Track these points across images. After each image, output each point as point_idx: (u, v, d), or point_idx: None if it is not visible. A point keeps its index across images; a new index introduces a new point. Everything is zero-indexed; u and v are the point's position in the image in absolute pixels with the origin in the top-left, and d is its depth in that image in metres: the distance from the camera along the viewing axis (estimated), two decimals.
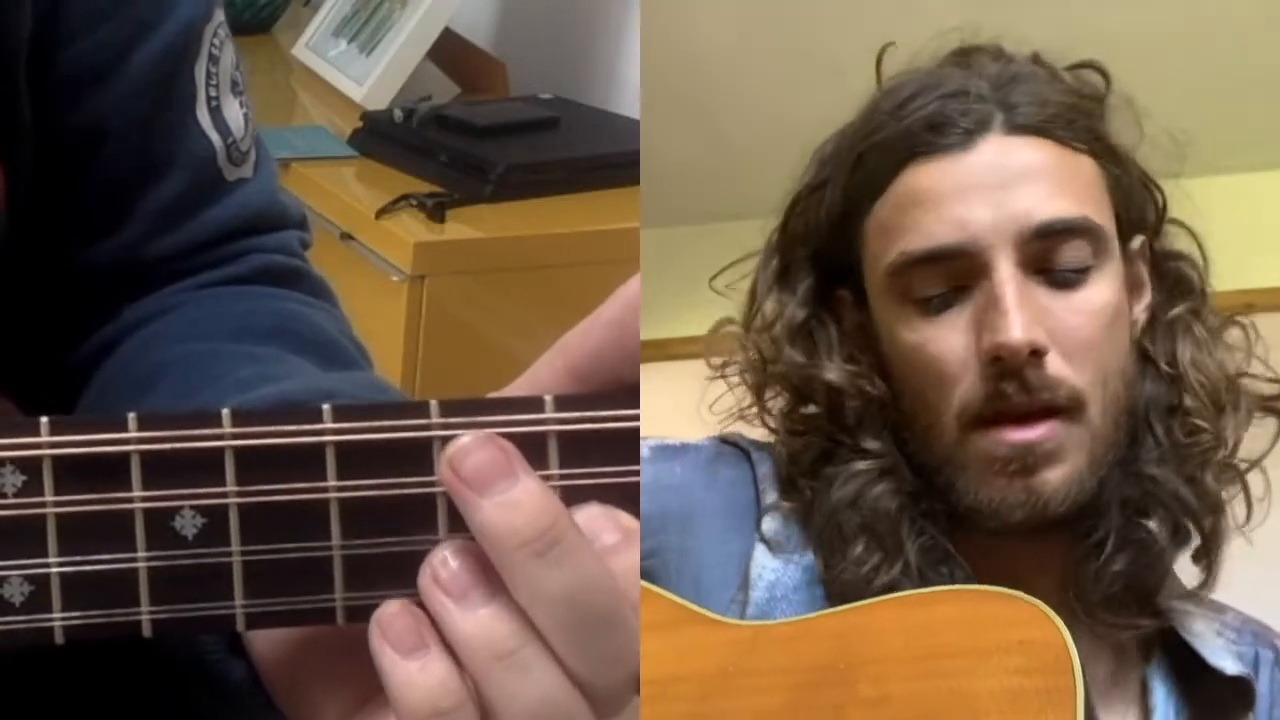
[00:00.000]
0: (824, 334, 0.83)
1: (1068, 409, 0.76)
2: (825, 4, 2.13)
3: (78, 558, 0.49)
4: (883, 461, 0.79)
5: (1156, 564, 0.77)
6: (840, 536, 0.79)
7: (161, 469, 0.49)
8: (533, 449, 0.49)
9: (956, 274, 0.77)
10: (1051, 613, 0.69)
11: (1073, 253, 0.77)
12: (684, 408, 0.90)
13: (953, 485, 0.78)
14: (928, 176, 0.78)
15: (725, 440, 0.87)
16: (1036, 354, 0.75)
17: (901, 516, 0.78)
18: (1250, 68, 2.05)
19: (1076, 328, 0.76)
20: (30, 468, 0.49)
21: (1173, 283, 0.82)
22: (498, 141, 2.06)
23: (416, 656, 0.48)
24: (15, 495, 0.49)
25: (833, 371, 0.81)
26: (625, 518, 0.48)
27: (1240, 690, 0.80)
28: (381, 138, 2.12)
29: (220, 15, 0.81)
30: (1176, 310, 0.81)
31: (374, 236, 1.93)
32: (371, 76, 2.29)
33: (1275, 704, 0.81)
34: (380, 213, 1.92)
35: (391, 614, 0.49)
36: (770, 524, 0.82)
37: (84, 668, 0.58)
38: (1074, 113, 0.79)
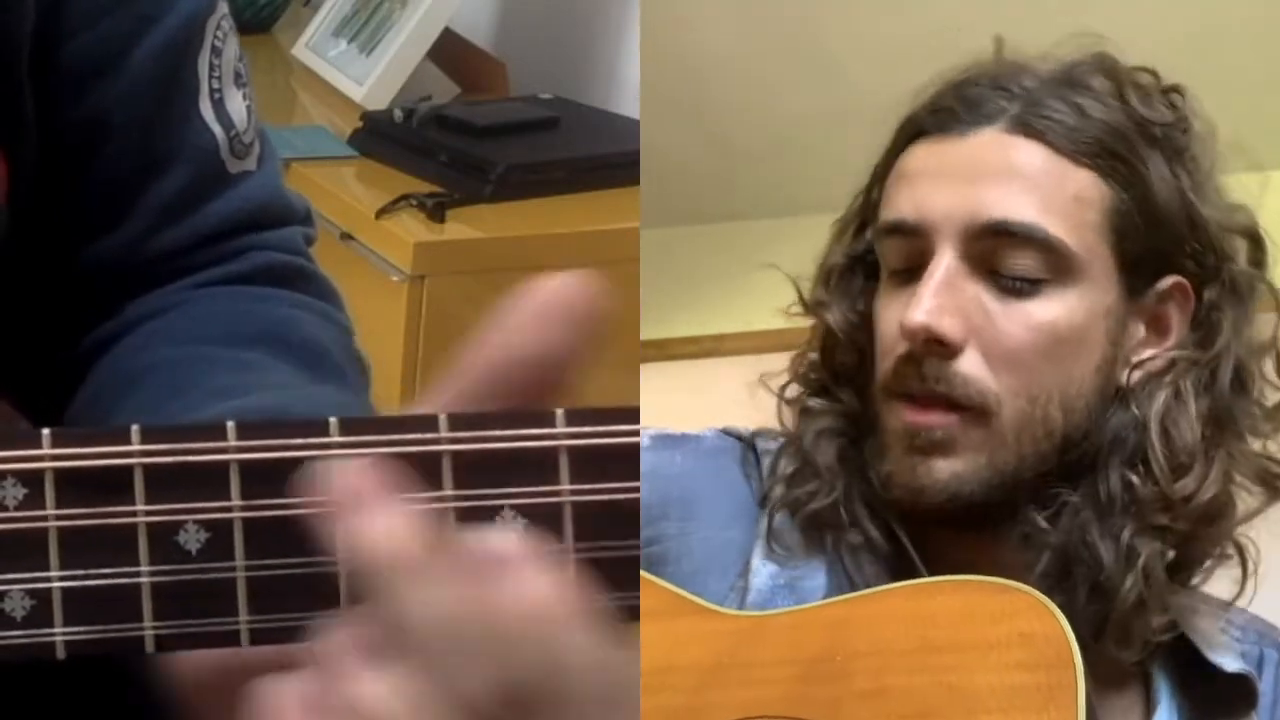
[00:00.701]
0: (850, 283, 0.84)
1: (970, 408, 0.76)
2: (824, 4, 2.12)
3: (80, 572, 0.48)
4: (843, 409, 0.82)
5: (1077, 619, 0.74)
6: (788, 460, 0.82)
7: (165, 482, 0.48)
8: (544, 464, 0.48)
9: (912, 252, 0.78)
10: (1052, 605, 0.69)
11: (1022, 261, 0.76)
12: (683, 407, 0.90)
13: (874, 453, 0.79)
14: (921, 156, 0.80)
15: (728, 432, 0.88)
16: (940, 344, 0.75)
17: (844, 461, 0.80)
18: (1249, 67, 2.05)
19: (1005, 335, 0.76)
20: (32, 480, 0.48)
21: (1201, 335, 0.79)
22: (498, 141, 2.06)
23: None
24: (17, 508, 0.48)
25: (834, 315, 0.83)
26: (532, 541, 0.46)
27: (1242, 688, 0.79)
28: (381, 138, 2.12)
29: (223, 7, 0.80)
30: (1172, 355, 0.78)
31: (374, 236, 1.93)
32: (371, 76, 2.29)
33: (1279, 702, 0.81)
34: (380, 213, 1.92)
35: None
36: (778, 518, 0.82)
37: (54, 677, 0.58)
38: (1102, 130, 0.78)
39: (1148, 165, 0.78)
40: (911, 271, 0.78)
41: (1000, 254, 0.76)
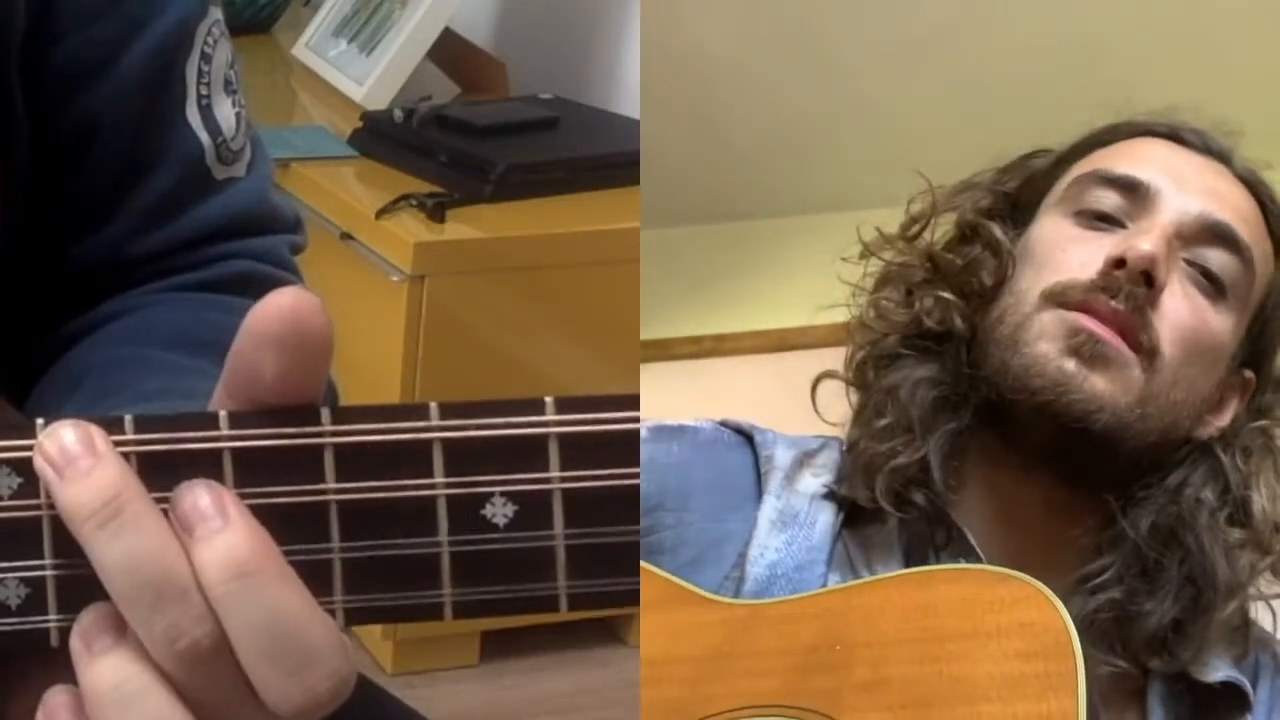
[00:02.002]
0: (1001, 217, 0.86)
1: (1143, 349, 0.78)
2: (825, 4, 2.13)
3: (73, 560, 0.48)
4: (940, 367, 0.83)
5: (1153, 609, 0.77)
6: (876, 411, 0.82)
7: (158, 470, 0.48)
8: (534, 451, 0.49)
9: (1121, 206, 0.82)
10: (1051, 594, 0.69)
11: (1220, 259, 0.81)
12: (684, 407, 0.91)
13: (1006, 349, 0.79)
14: (1159, 146, 0.85)
15: (725, 423, 0.88)
16: (1149, 283, 0.78)
17: (940, 410, 0.81)
18: (1248, 67, 2.06)
19: (1187, 314, 0.80)
20: (26, 469, 0.49)
21: (1267, 422, 0.84)
22: (498, 141, 2.06)
23: None
24: (11, 497, 0.49)
25: (997, 231, 0.84)
26: (232, 503, 0.48)
27: (1233, 694, 0.80)
28: (381, 138, 2.12)
29: (216, 13, 0.80)
30: (1259, 424, 0.83)
31: (374, 236, 1.93)
32: (371, 76, 2.29)
33: (1275, 709, 0.82)
34: (380, 213, 1.92)
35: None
36: (776, 504, 0.83)
37: None
38: None
39: None
40: (1106, 220, 0.82)
41: (1208, 249, 0.81)
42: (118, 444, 0.49)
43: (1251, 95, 1.99)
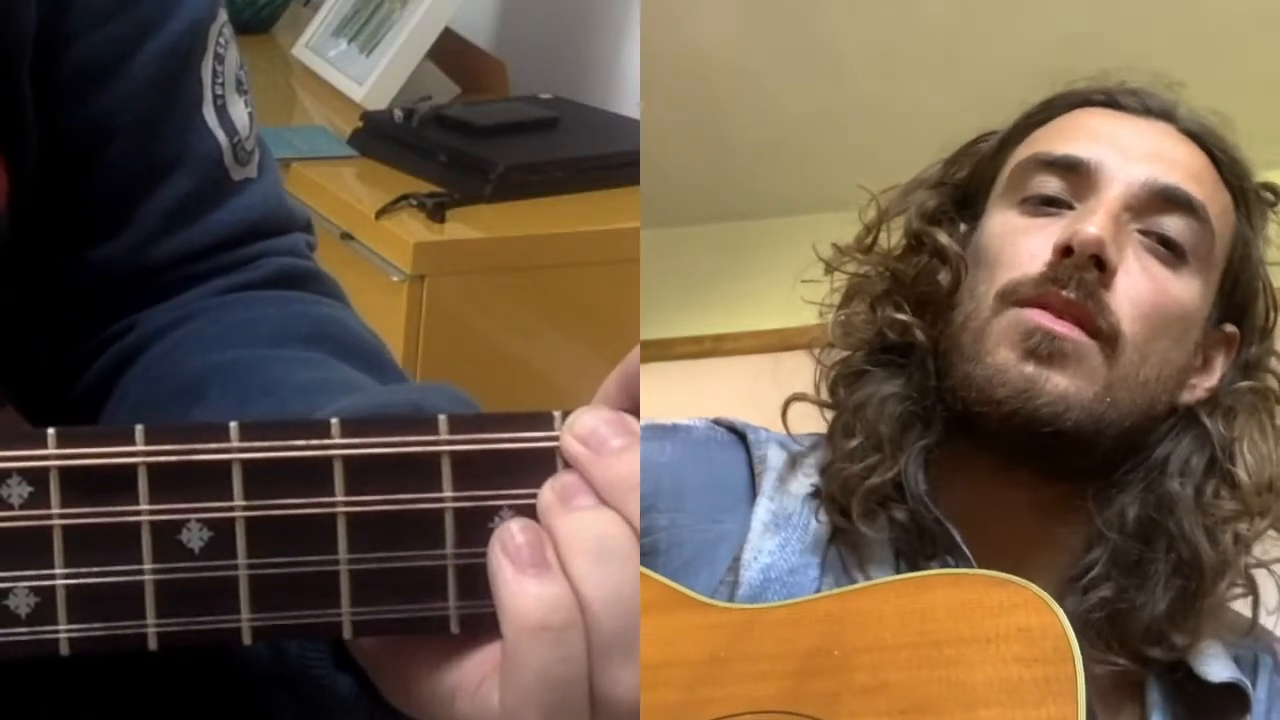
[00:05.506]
0: (947, 216, 0.86)
1: (1102, 335, 0.77)
2: (825, 4, 2.13)
3: (84, 570, 0.49)
4: (907, 381, 0.82)
5: (1145, 602, 0.77)
6: (846, 432, 0.82)
7: (169, 481, 0.49)
8: (541, 464, 0.49)
9: (1068, 187, 0.81)
10: (1050, 599, 0.69)
11: (1175, 224, 0.80)
12: (684, 407, 0.91)
13: (968, 360, 0.79)
14: (1100, 115, 0.84)
15: (718, 422, 0.88)
16: (1099, 266, 0.77)
17: (909, 426, 0.80)
18: (1248, 67, 2.06)
19: (1146, 288, 0.79)
20: (37, 479, 0.49)
21: (1256, 380, 0.83)
22: (498, 141, 2.06)
23: (534, 573, 0.49)
24: (22, 506, 0.49)
25: (943, 236, 0.83)
26: (630, 422, 0.50)
27: (1234, 694, 0.80)
28: (381, 138, 2.12)
29: (224, 15, 0.81)
30: (1246, 384, 0.82)
31: (374, 236, 1.93)
32: (371, 76, 2.29)
33: (1273, 708, 0.81)
34: (380, 213, 1.92)
35: (513, 530, 0.50)
36: (770, 505, 0.82)
37: (183, 679, 0.59)
38: (1245, 172, 0.84)
39: (1256, 221, 0.85)
40: (1053, 204, 0.81)
41: (1161, 216, 0.80)
42: (125, 454, 0.49)
43: (1251, 95, 1.99)
